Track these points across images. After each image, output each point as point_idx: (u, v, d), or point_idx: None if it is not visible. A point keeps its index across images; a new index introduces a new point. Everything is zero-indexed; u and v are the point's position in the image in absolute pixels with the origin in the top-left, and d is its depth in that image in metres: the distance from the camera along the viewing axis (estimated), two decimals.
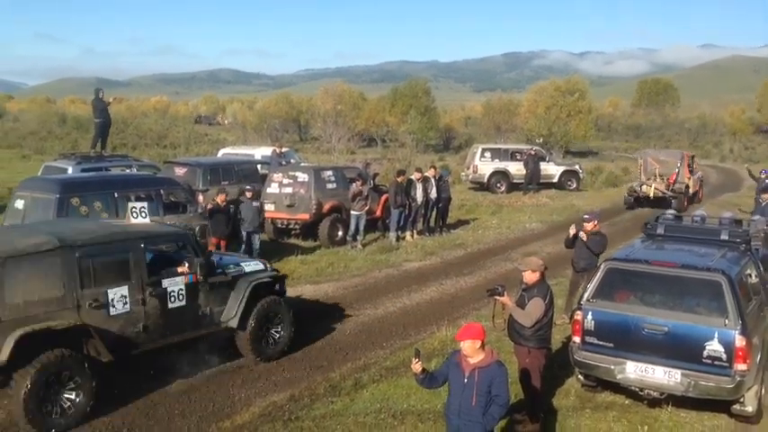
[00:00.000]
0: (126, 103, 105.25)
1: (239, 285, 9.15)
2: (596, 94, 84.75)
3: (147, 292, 8.10)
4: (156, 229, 9.08)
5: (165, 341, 8.42)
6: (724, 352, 7.21)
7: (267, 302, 9.36)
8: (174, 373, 8.62)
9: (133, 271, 8.01)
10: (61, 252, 7.45)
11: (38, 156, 37.80)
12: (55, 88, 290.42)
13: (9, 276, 7.06)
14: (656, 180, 24.51)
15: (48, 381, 7.12)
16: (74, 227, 8.64)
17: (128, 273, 7.97)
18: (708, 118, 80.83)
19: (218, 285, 8.96)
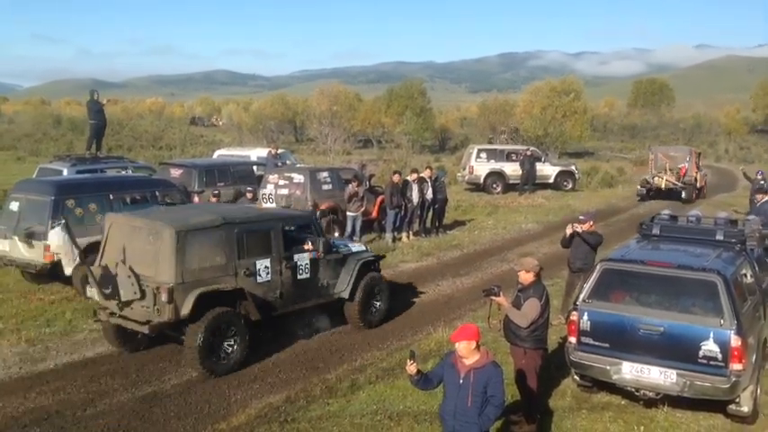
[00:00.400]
0: (121, 104, 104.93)
1: (349, 262, 10.81)
2: (592, 94, 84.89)
3: (283, 264, 9.78)
4: (288, 213, 11.66)
5: (294, 307, 10.10)
6: (719, 352, 7.21)
7: (371, 277, 11.00)
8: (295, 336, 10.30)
9: (273, 246, 9.72)
10: (225, 227, 9.15)
11: (33, 158, 37.70)
12: (50, 90, 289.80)
13: (188, 246, 8.68)
14: (667, 173, 26.91)
15: (214, 332, 8.71)
16: (229, 208, 11.05)
17: (269, 248, 9.65)
18: (703, 118, 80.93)
19: (333, 262, 10.60)
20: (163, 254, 8.63)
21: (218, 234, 9.04)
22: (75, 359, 9.39)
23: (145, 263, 8.75)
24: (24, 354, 9.46)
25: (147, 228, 9.03)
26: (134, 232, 9.14)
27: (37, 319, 10.79)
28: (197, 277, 8.72)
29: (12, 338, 9.93)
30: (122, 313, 8.93)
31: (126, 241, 9.00)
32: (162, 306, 8.52)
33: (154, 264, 8.72)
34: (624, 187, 32.24)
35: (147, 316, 8.71)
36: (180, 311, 8.55)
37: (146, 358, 9.45)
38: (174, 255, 8.57)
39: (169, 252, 8.58)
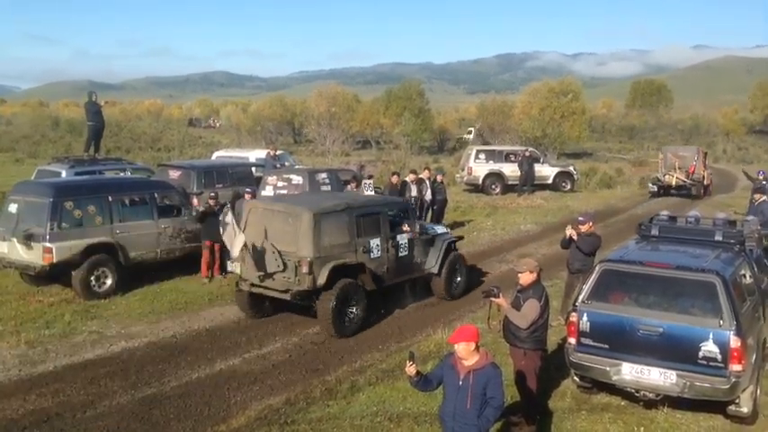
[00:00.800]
0: (119, 106, 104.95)
1: (437, 242, 12.59)
2: (590, 95, 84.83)
3: (389, 243, 11.50)
4: (391, 199, 14.01)
5: (396, 280, 11.88)
6: (719, 353, 7.22)
7: (453, 255, 12.77)
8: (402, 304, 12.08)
9: (382, 228, 11.45)
10: (348, 211, 10.90)
11: (31, 159, 37.69)
12: (48, 91, 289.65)
13: (322, 226, 10.34)
14: (677, 171, 28.42)
15: (341, 300, 10.36)
16: (347, 195, 13.78)
17: (379, 229, 11.39)
18: (701, 119, 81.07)
19: (425, 242, 12.37)
20: (303, 233, 10.30)
21: (343, 217, 10.83)
22: (74, 361, 9.38)
23: (285, 241, 10.37)
24: (24, 356, 9.45)
25: (288, 212, 10.75)
26: (274, 216, 10.79)
27: (36, 321, 10.78)
28: (328, 253, 10.46)
29: (11, 340, 9.92)
30: (263, 284, 10.67)
31: (267, 223, 10.60)
32: (302, 277, 10.22)
33: (294, 241, 10.33)
34: (623, 188, 32.29)
35: (287, 285, 10.43)
36: (317, 281, 10.26)
37: (145, 360, 9.46)
38: (312, 233, 10.28)
39: (308, 231, 10.26)
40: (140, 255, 12.83)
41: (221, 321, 11.26)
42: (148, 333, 10.56)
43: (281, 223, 10.60)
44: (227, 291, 12.89)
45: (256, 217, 10.88)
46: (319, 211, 10.47)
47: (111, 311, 11.49)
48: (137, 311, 11.54)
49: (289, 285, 10.42)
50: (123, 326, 10.83)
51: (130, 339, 10.24)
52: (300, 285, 10.26)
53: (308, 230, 10.24)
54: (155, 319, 11.21)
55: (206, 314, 11.59)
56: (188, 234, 13.57)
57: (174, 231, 13.39)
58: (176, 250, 13.46)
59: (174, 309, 11.81)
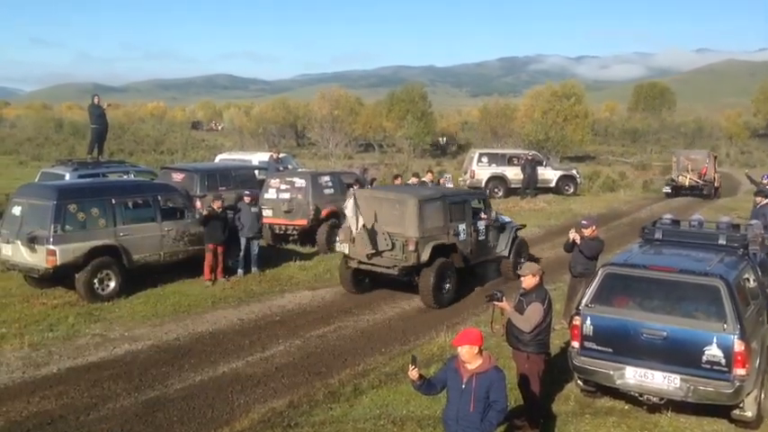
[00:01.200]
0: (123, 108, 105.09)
1: (506, 229, 14.49)
2: (592, 98, 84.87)
3: (471, 228, 13.37)
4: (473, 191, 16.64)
5: (476, 261, 13.75)
6: (723, 357, 7.21)
7: (519, 241, 14.76)
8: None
9: (467, 214, 13.35)
10: (442, 199, 12.89)
11: (35, 162, 37.77)
12: (51, 94, 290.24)
13: (424, 211, 12.26)
14: (690, 173, 30.44)
15: (439, 276, 12.29)
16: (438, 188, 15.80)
17: (464, 215, 13.29)
18: (704, 122, 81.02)
19: (497, 228, 14.26)
20: (409, 216, 12.11)
21: (439, 204, 12.72)
22: (78, 363, 9.39)
23: (393, 224, 12.21)
24: (27, 358, 9.46)
25: (396, 199, 12.56)
26: (383, 203, 12.55)
27: (40, 324, 10.79)
28: (429, 234, 12.27)
29: (15, 343, 9.93)
30: (371, 262, 12.48)
31: (377, 209, 12.36)
32: (408, 254, 12.09)
33: (402, 224, 12.16)
34: (626, 191, 32.27)
35: (394, 262, 12.25)
36: (420, 258, 12.09)
37: (148, 363, 9.46)
38: (417, 217, 12.11)
39: (414, 215, 12.09)
40: (144, 257, 12.84)
41: (224, 324, 11.27)
42: (152, 336, 10.56)
43: (390, 209, 12.43)
44: (231, 293, 12.92)
45: (366, 204, 12.48)
46: (422, 199, 12.42)
47: (114, 314, 11.50)
48: (140, 314, 11.55)
49: (396, 262, 12.26)
50: (127, 328, 10.84)
51: (134, 342, 10.25)
52: (406, 262, 12.18)
53: (413, 214, 12.13)
54: (158, 322, 11.22)
55: (209, 317, 11.59)
56: (191, 237, 13.58)
57: (178, 234, 13.39)
58: (179, 253, 13.47)
59: (177, 311, 11.82)
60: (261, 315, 11.85)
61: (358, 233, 12.36)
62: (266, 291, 13.27)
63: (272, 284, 13.71)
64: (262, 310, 12.14)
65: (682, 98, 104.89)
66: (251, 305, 12.37)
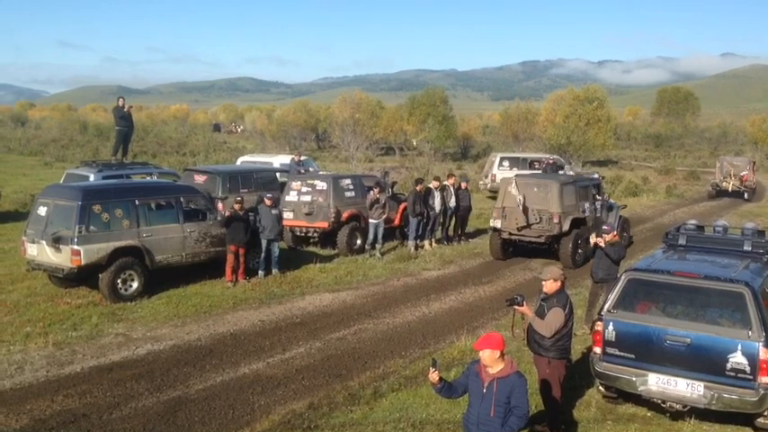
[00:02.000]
0: (146, 111, 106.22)
1: (614, 209, 18.19)
2: (615, 102, 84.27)
3: (592, 206, 17.04)
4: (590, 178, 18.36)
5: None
6: (747, 364, 7.12)
7: (623, 219, 18.57)
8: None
9: (589, 196, 17.27)
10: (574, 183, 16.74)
11: (60, 163, 38.25)
12: (76, 96, 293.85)
13: (563, 192, 15.96)
14: (732, 178, 33.19)
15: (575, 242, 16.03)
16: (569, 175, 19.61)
17: (587, 196, 17.01)
18: (728, 127, 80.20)
19: (608, 207, 17.93)
20: (552, 196, 15.91)
21: (572, 187, 16.45)
22: (101, 363, 9.48)
23: (540, 202, 15.92)
24: (51, 357, 9.57)
25: (543, 183, 16.33)
26: (531, 186, 16.26)
27: (64, 323, 10.92)
28: (567, 210, 15.97)
29: (39, 342, 10.05)
30: (520, 233, 16.11)
31: (526, 192, 15.97)
32: (553, 225, 15.75)
33: (547, 202, 15.88)
34: (649, 196, 31.95)
35: (541, 233, 15.88)
36: (562, 228, 15.76)
37: (170, 363, 9.53)
38: (559, 197, 15.91)
39: (556, 195, 15.88)
40: (166, 258, 12.94)
41: (245, 325, 11.32)
42: (173, 336, 10.64)
43: (537, 191, 16.12)
44: (252, 295, 12.98)
45: (518, 188, 16.13)
46: (562, 183, 16.20)
47: (137, 314, 11.60)
48: (162, 314, 11.64)
49: (542, 232, 15.93)
50: (149, 329, 10.93)
51: (156, 342, 10.33)
52: (551, 231, 15.86)
53: (556, 195, 15.87)
54: (180, 323, 11.30)
55: (230, 318, 11.65)
56: (213, 238, 13.66)
57: (200, 235, 13.48)
58: (201, 254, 13.56)
59: (198, 312, 11.90)
60: (281, 317, 11.89)
61: (509, 210, 16.06)
62: (287, 293, 13.32)
63: (292, 286, 13.76)
64: (282, 311, 12.19)
65: (706, 103, 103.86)
66: (272, 307, 12.42)
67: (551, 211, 15.72)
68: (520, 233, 16.11)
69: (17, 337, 10.21)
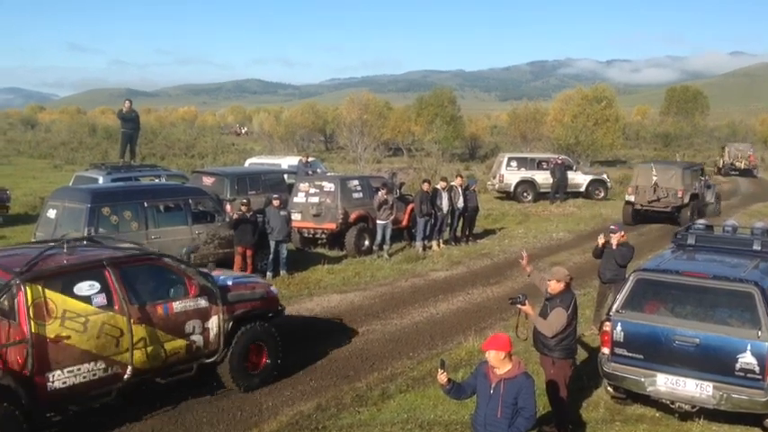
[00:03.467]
0: (155, 113, 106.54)
1: (711, 187, 22.80)
2: (624, 102, 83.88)
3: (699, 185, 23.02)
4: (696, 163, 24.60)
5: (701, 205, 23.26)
6: (757, 365, 7.09)
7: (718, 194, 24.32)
8: None
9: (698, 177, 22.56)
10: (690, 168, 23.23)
11: (69, 166, 38.42)
12: (85, 99, 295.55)
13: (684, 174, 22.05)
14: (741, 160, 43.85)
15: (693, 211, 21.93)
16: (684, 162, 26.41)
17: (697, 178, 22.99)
18: (738, 126, 79.74)
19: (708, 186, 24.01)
20: (677, 177, 21.59)
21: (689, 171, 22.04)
22: None
23: (667, 182, 21.64)
24: None
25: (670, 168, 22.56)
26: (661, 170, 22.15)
27: None
28: (687, 188, 21.76)
29: None
30: (650, 206, 22.02)
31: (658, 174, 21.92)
32: (677, 199, 21.60)
33: (673, 182, 21.59)
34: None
35: (667, 204, 21.78)
36: (684, 200, 21.46)
37: None
38: (682, 177, 21.82)
39: (680, 176, 21.57)
40: None
41: None
42: None
43: (665, 174, 22.05)
44: None
45: (646, 172, 22.58)
46: (684, 167, 22.62)
47: None
48: None
49: (669, 204, 21.85)
50: None
51: None
52: (676, 203, 21.76)
53: (680, 176, 21.89)
54: None
55: None
56: (221, 240, 13.70)
57: (208, 237, 13.53)
58: (210, 256, 13.57)
59: None
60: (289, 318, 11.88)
61: (642, 187, 22.16)
62: (294, 294, 13.33)
63: (300, 288, 13.77)
64: (290, 313, 12.18)
65: (715, 102, 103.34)
66: None
67: (677, 188, 21.75)
68: (650, 204, 22.08)
69: None
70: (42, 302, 6.84)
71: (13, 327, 6.75)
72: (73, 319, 7.01)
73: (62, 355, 6.92)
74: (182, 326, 7.98)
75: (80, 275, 7.24)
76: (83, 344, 7.06)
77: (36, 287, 6.83)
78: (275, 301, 9.48)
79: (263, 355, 8.90)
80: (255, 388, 8.65)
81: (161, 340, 7.76)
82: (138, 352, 7.50)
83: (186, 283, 8.16)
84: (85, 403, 7.34)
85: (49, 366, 6.85)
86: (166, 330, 7.81)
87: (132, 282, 7.63)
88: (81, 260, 7.56)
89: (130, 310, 7.41)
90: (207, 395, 8.52)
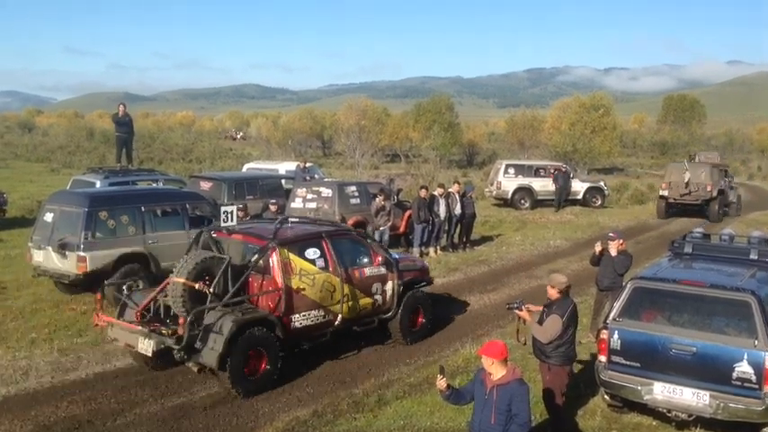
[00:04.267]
0: (152, 117, 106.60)
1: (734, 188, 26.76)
2: (621, 110, 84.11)
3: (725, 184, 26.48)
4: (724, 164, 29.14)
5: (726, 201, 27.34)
6: (754, 374, 7.08)
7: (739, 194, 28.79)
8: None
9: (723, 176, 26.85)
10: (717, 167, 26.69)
11: (66, 169, 38.37)
12: (83, 103, 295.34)
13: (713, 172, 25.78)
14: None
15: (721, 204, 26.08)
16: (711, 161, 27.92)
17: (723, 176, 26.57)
18: (735, 135, 79.97)
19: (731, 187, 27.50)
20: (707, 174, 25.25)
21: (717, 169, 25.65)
22: (106, 369, 9.51)
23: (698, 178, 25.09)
24: (56, 363, 9.59)
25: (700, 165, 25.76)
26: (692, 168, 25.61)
27: (69, 329, 10.94)
28: (715, 184, 24.93)
29: (44, 348, 10.08)
30: (682, 199, 25.44)
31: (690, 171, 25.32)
32: (707, 192, 24.89)
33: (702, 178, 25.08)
34: (655, 204, 31.83)
35: (698, 197, 25.09)
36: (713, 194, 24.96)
37: (175, 370, 9.53)
38: (710, 174, 25.06)
39: (709, 173, 25.08)
40: (172, 265, 12.75)
41: None
42: None
43: (696, 171, 25.20)
44: None
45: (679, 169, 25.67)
46: (712, 165, 25.41)
47: None
48: None
49: (699, 197, 25.00)
50: None
51: None
52: (705, 197, 24.81)
53: (709, 173, 24.79)
54: None
55: None
56: None
57: None
58: None
59: None
60: None
61: (675, 183, 25.33)
62: None
63: None
64: None
65: (712, 111, 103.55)
66: None
67: (707, 183, 24.89)
68: (682, 198, 25.40)
69: (22, 344, 10.25)
70: (287, 262, 9.24)
71: (268, 280, 9.15)
72: (305, 275, 9.40)
73: (299, 302, 9.31)
74: (370, 287, 10.31)
75: (308, 243, 9.70)
76: (312, 295, 9.44)
77: (283, 250, 9.25)
78: (428, 272, 12.03)
79: (419, 315, 11.15)
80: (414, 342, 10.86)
81: (357, 297, 10.09)
82: (345, 305, 9.81)
83: (372, 255, 10.56)
84: (311, 341, 9.66)
85: (292, 310, 9.21)
86: (360, 290, 10.15)
87: (340, 251, 9.97)
88: (307, 232, 10.13)
89: (340, 272, 9.72)
90: (204, 401, 8.51)
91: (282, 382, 9.14)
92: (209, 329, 8.43)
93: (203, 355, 8.37)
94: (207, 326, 8.47)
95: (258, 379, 8.74)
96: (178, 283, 8.72)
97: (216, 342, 8.31)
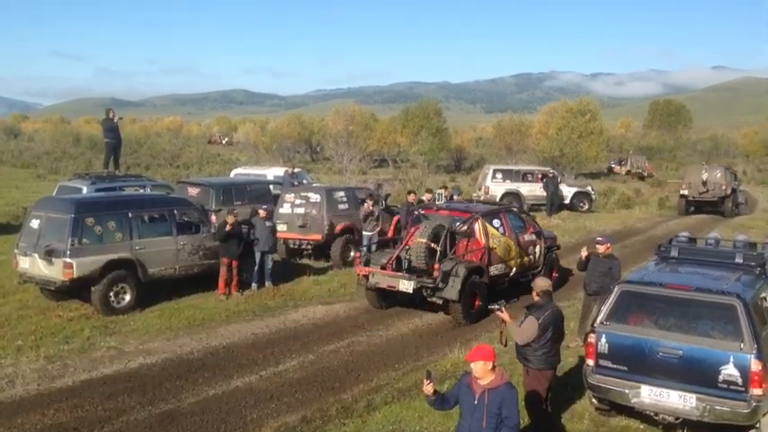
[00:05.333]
0: (140, 123, 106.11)
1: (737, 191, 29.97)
2: (608, 115, 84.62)
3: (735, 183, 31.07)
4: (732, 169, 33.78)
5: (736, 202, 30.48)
6: (739, 376, 7.15)
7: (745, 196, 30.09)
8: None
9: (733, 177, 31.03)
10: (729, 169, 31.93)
11: (52, 175, 38.08)
12: (69, 108, 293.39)
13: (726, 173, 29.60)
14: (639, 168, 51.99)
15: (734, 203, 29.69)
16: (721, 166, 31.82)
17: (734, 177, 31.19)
18: (720, 139, 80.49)
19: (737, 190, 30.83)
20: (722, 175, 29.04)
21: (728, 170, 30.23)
22: (92, 376, 9.44)
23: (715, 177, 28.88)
24: (43, 370, 9.52)
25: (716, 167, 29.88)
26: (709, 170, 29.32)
27: (55, 336, 10.87)
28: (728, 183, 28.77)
29: (30, 355, 10.01)
30: (701, 197, 29.15)
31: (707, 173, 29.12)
32: (722, 191, 28.59)
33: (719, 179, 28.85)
34: (641, 209, 32.05)
35: (715, 195, 28.88)
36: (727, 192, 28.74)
37: (162, 376, 9.50)
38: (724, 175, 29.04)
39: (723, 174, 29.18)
40: (159, 271, 12.91)
41: (238, 339, 11.29)
42: (166, 349, 10.60)
43: (712, 171, 28.70)
44: (245, 308, 12.96)
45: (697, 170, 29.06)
46: (725, 167, 29.89)
47: (129, 327, 11.56)
48: (155, 327, 11.60)
49: (715, 195, 28.21)
50: (141, 342, 10.89)
51: (148, 355, 10.29)
52: (721, 194, 28.22)
53: (723, 174, 28.66)
54: (172, 336, 11.26)
55: (223, 331, 11.62)
56: (206, 251, 13.64)
57: (193, 248, 13.46)
58: (195, 267, 13.53)
59: (191, 325, 11.86)
60: (275, 329, 11.86)
61: (693, 183, 28.54)
62: (280, 305, 13.30)
63: (285, 299, 13.74)
64: (275, 324, 12.17)
65: (698, 115, 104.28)
66: (265, 319, 12.39)
67: (722, 182, 28.46)
68: (700, 196, 28.86)
69: (8, 351, 10.17)
70: (489, 229, 13.08)
71: (473, 241, 12.94)
72: (495, 238, 13.16)
73: (493, 257, 13.02)
74: (527, 248, 14.05)
75: (494, 216, 13.62)
76: (499, 252, 13.17)
77: (483, 221, 13.04)
78: (556, 240, 16.26)
79: (554, 271, 14.89)
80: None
81: (522, 255, 13.82)
82: (516, 260, 13.62)
83: (527, 225, 14.54)
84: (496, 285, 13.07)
85: (490, 263, 12.87)
86: (523, 250, 13.86)
87: (511, 222, 13.85)
88: (492, 208, 14.31)
89: (513, 237, 13.61)
90: (192, 408, 8.48)
91: (270, 387, 9.14)
92: (447, 274, 11.84)
93: (446, 292, 11.85)
94: (445, 272, 11.83)
95: (475, 312, 12.30)
96: (422, 243, 12.09)
97: (455, 282, 11.79)
